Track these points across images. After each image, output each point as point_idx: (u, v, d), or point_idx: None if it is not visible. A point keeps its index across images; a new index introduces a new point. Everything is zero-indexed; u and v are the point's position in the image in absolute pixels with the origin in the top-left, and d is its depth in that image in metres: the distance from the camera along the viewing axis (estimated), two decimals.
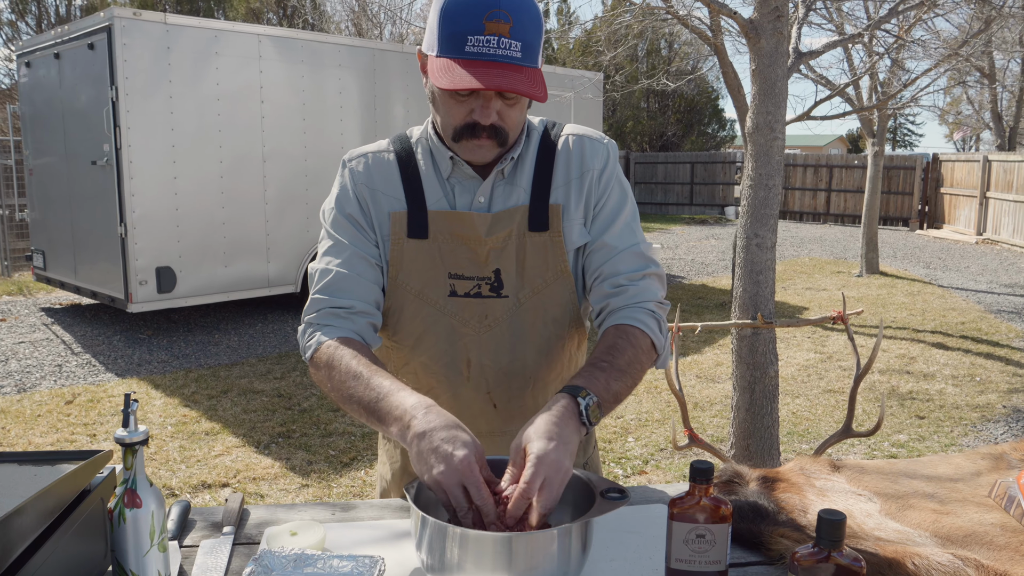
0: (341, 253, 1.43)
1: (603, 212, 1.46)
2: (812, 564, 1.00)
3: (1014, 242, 15.59)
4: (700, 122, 29.32)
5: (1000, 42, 15.11)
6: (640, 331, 1.38)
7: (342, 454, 4.89)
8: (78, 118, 7.65)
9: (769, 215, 4.35)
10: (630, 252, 1.44)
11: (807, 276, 12.29)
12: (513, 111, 1.35)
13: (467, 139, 1.35)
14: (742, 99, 8.85)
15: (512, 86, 1.24)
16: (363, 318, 1.40)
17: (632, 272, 1.42)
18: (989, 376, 6.68)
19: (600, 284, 1.44)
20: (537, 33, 1.30)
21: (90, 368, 6.76)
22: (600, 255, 1.44)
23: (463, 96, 1.32)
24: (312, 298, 1.42)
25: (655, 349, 1.41)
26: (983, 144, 35.28)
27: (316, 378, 1.39)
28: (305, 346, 1.41)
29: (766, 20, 4.17)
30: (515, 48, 1.26)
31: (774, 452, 4.43)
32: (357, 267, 1.42)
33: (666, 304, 1.45)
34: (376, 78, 8.82)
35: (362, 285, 1.41)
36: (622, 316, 1.39)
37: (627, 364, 1.33)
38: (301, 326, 1.44)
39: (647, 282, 1.43)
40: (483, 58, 1.25)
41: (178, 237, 7.46)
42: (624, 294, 1.41)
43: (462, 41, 1.25)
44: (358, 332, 1.38)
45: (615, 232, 1.45)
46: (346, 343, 1.35)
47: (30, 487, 1.05)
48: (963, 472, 1.56)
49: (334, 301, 1.39)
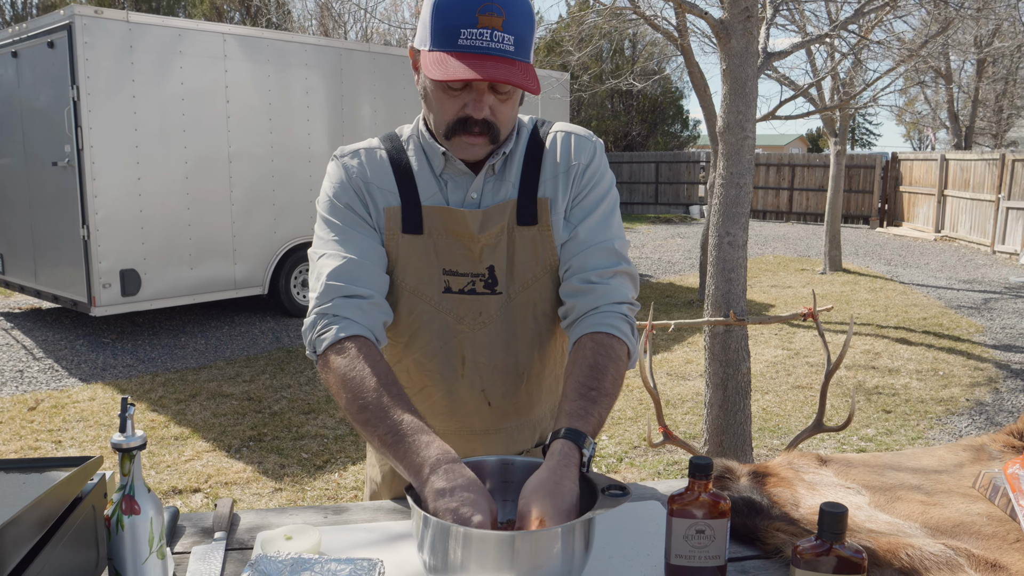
0: (348, 240, 1.38)
1: (580, 205, 1.44)
2: (815, 557, 1.01)
3: (971, 239, 15.95)
4: (664, 122, 29.56)
5: (956, 43, 15.46)
6: (618, 340, 1.35)
7: (315, 457, 4.85)
8: (38, 118, 7.48)
9: (740, 213, 4.40)
10: (601, 247, 1.41)
11: (772, 274, 12.45)
12: (505, 107, 1.34)
13: (460, 135, 1.34)
14: (708, 99, 8.95)
15: (506, 77, 1.24)
16: (379, 313, 1.36)
17: (603, 268, 1.40)
18: (952, 370, 6.82)
19: (569, 278, 1.41)
20: (529, 28, 1.29)
21: (53, 373, 6.62)
22: (571, 247, 1.42)
23: (456, 90, 1.31)
24: (326, 285, 1.34)
25: (629, 355, 1.40)
26: (939, 143, 36.05)
27: (325, 376, 1.32)
28: (317, 339, 1.32)
29: (736, 20, 4.21)
30: (508, 41, 1.25)
31: (747, 448, 4.48)
32: (369, 255, 1.37)
33: (636, 305, 1.43)
34: (343, 78, 8.75)
35: (376, 274, 1.37)
36: (596, 322, 1.36)
37: (611, 386, 1.31)
38: (309, 318, 1.35)
39: (617, 280, 1.41)
40: (476, 51, 1.24)
41: (142, 239, 7.33)
42: (592, 293, 1.38)
43: (455, 34, 1.24)
44: (372, 330, 1.33)
45: (589, 225, 1.42)
46: (366, 350, 1.29)
47: (21, 496, 1.02)
48: (946, 464, 1.59)
49: (352, 289, 1.33)
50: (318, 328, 1.33)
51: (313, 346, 1.34)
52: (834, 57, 11.10)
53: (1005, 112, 23.59)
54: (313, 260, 1.40)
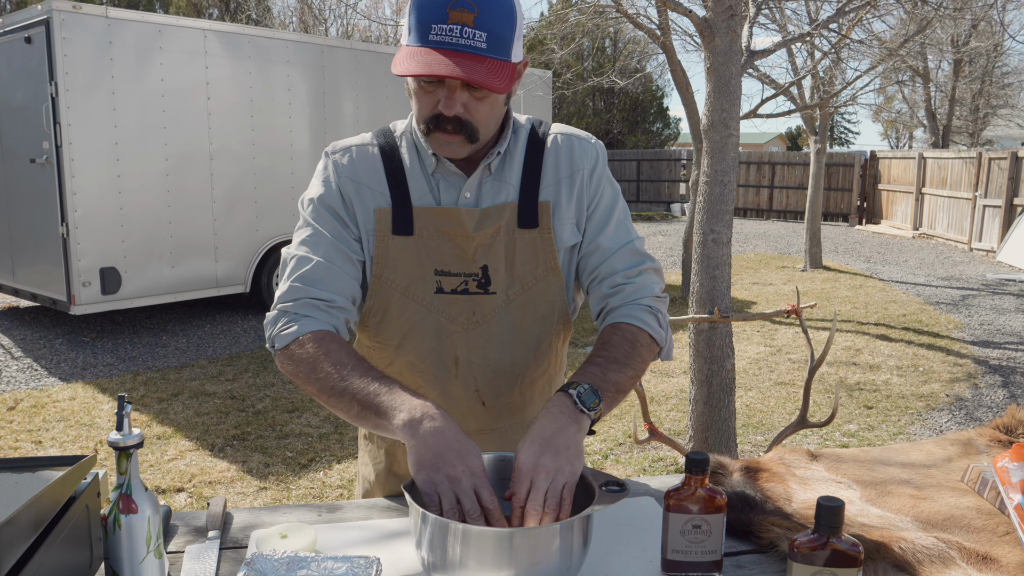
0: (320, 243, 1.39)
1: (596, 213, 1.46)
2: (812, 550, 1.02)
3: (949, 236, 16.14)
4: (645, 120, 29.68)
5: (933, 43, 15.62)
6: (635, 327, 1.38)
7: (299, 456, 4.82)
8: (14, 114, 7.38)
9: (724, 211, 4.42)
10: (625, 250, 1.45)
11: (753, 271, 12.53)
12: (482, 105, 1.31)
13: (435, 132, 1.33)
14: (690, 97, 8.99)
15: (466, 75, 1.21)
16: (341, 313, 1.37)
17: (628, 269, 1.44)
18: (931, 366, 6.90)
19: (598, 285, 1.45)
20: (507, 24, 1.27)
21: (32, 373, 6.54)
22: (596, 256, 1.45)
23: (430, 87, 1.30)
24: (290, 285, 1.37)
25: (655, 343, 1.41)
26: (916, 142, 36.44)
27: (287, 368, 1.33)
28: (278, 334, 1.34)
29: (720, 19, 4.23)
30: (480, 38, 1.24)
31: (731, 444, 4.51)
32: (336, 260, 1.39)
33: (664, 297, 1.46)
34: (324, 75, 8.70)
35: (342, 279, 1.38)
36: (618, 315, 1.40)
37: (623, 356, 1.33)
38: (272, 312, 1.37)
39: (644, 278, 1.44)
40: (444, 47, 1.23)
41: (123, 237, 7.26)
42: (621, 293, 1.42)
43: (427, 30, 1.24)
44: (336, 327, 1.36)
45: (609, 232, 1.46)
46: (329, 337, 1.32)
47: (15, 496, 1.01)
48: (935, 458, 1.61)
49: (314, 292, 1.36)
50: (280, 324, 1.35)
51: (273, 341, 1.36)
52: (814, 56, 11.18)
53: (981, 111, 23.89)
54: (284, 258, 1.42)
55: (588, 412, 1.22)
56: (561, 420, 1.19)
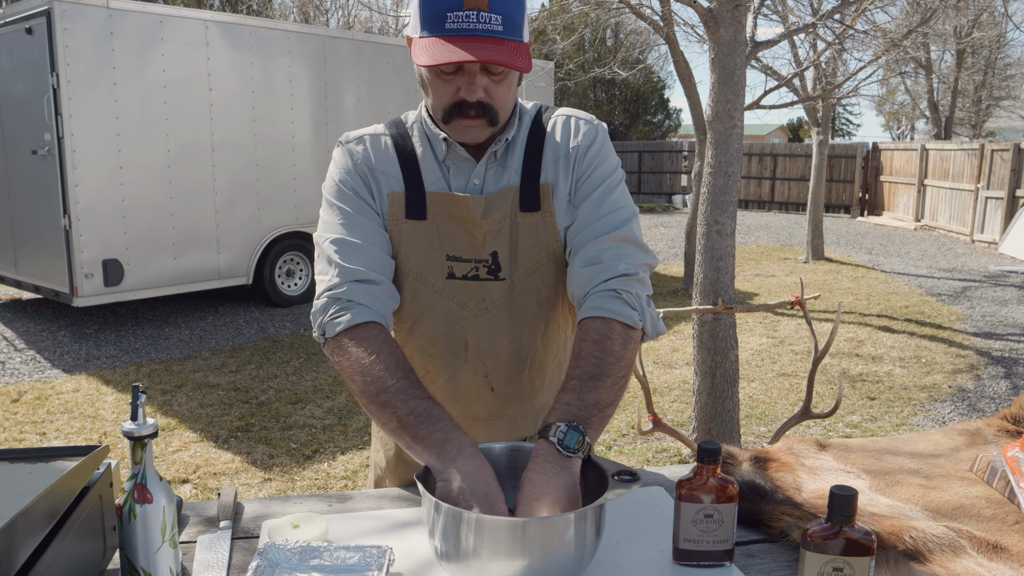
0: (354, 224, 1.38)
1: (582, 188, 1.42)
2: (825, 539, 1.02)
3: (951, 228, 16.12)
4: (646, 111, 29.60)
5: (936, 34, 15.57)
6: (602, 320, 1.31)
7: (303, 447, 4.83)
8: (16, 106, 7.37)
9: (729, 202, 4.42)
10: (600, 223, 1.38)
11: (755, 263, 12.52)
12: (501, 87, 1.33)
13: (457, 119, 1.33)
14: (693, 88, 8.97)
15: (492, 57, 1.23)
16: (389, 299, 1.36)
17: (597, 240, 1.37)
18: (934, 357, 6.90)
19: (572, 263, 1.40)
20: (518, 6, 1.28)
21: (35, 365, 6.55)
22: (573, 229, 1.41)
23: (448, 74, 1.31)
24: (339, 267, 1.34)
25: (630, 327, 1.33)
26: (919, 134, 36.36)
27: (336, 359, 1.31)
28: (330, 322, 1.32)
29: (725, 9, 4.22)
30: (496, 21, 1.25)
31: (735, 435, 4.52)
32: (373, 239, 1.38)
33: (635, 273, 1.36)
34: (327, 66, 8.68)
35: (381, 259, 1.38)
36: (583, 311, 1.34)
37: (595, 368, 1.26)
38: (321, 300, 1.34)
39: (614, 250, 1.36)
40: (464, 33, 1.24)
41: (125, 229, 7.26)
42: (586, 275, 1.36)
43: (442, 19, 1.24)
44: (384, 316, 1.34)
45: (588, 206, 1.40)
46: (380, 336, 1.30)
47: (30, 486, 1.01)
48: (943, 448, 1.61)
49: (364, 274, 1.34)
50: (331, 312, 1.32)
51: (323, 328, 1.33)
52: (817, 47, 11.16)
53: (984, 103, 23.83)
54: (320, 244, 1.39)
55: (575, 454, 1.18)
56: (549, 471, 1.16)
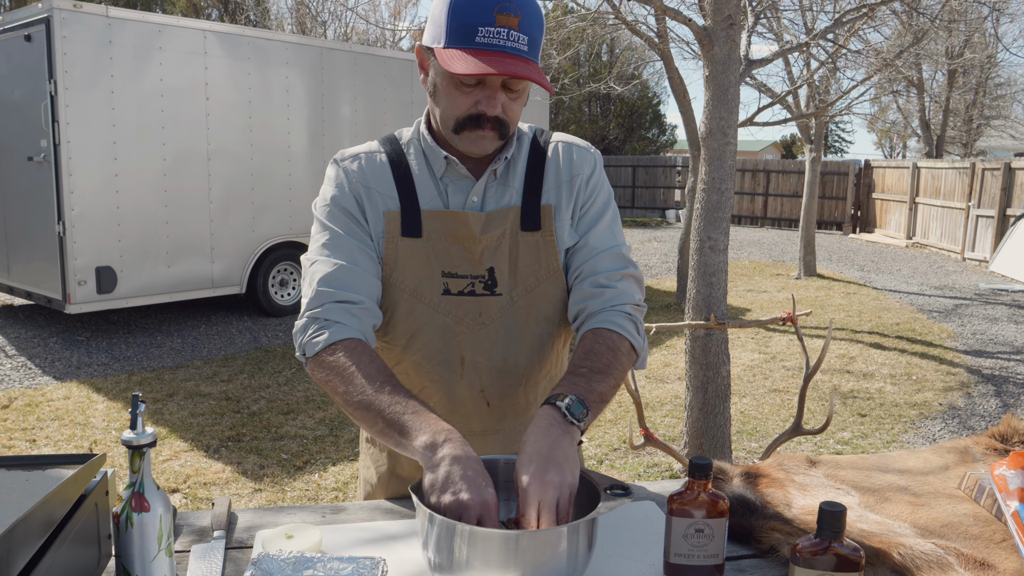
0: (341, 246, 1.40)
1: (588, 214, 1.50)
2: (814, 555, 1.04)
3: (942, 246, 16.21)
4: (641, 126, 29.75)
5: (928, 54, 15.72)
6: (617, 334, 1.39)
7: (295, 458, 4.82)
8: (13, 112, 7.37)
9: (722, 218, 4.45)
10: (610, 253, 1.47)
11: (747, 278, 12.57)
12: (516, 104, 1.37)
13: (470, 130, 1.36)
14: (687, 104, 9.03)
15: (527, 74, 1.27)
16: (369, 317, 1.38)
17: (611, 272, 1.45)
18: (925, 375, 6.94)
19: (580, 283, 1.46)
20: (540, 30, 1.33)
21: (26, 371, 6.52)
22: (582, 254, 1.48)
23: (469, 87, 1.33)
24: (316, 291, 1.37)
25: (634, 351, 1.43)
26: (910, 152, 36.60)
27: (318, 377, 1.34)
28: (309, 342, 1.35)
29: (719, 28, 4.26)
30: (523, 41, 1.29)
31: (726, 450, 4.53)
32: (360, 260, 1.40)
33: (643, 306, 1.48)
34: (323, 76, 8.72)
35: (366, 280, 1.39)
36: (599, 320, 1.41)
37: (606, 366, 1.34)
38: (301, 320, 1.37)
39: (625, 284, 1.46)
40: (493, 48, 1.27)
41: (119, 236, 7.25)
42: (601, 296, 1.43)
43: (472, 32, 1.27)
44: (364, 333, 1.36)
45: (597, 233, 1.49)
46: (360, 348, 1.32)
47: (27, 494, 1.02)
48: (932, 466, 1.62)
49: (342, 295, 1.36)
50: (310, 332, 1.35)
51: (303, 349, 1.36)
52: (810, 65, 11.25)
53: (975, 122, 24.03)
54: (306, 266, 1.42)
55: (578, 424, 1.22)
56: (553, 433, 1.19)
